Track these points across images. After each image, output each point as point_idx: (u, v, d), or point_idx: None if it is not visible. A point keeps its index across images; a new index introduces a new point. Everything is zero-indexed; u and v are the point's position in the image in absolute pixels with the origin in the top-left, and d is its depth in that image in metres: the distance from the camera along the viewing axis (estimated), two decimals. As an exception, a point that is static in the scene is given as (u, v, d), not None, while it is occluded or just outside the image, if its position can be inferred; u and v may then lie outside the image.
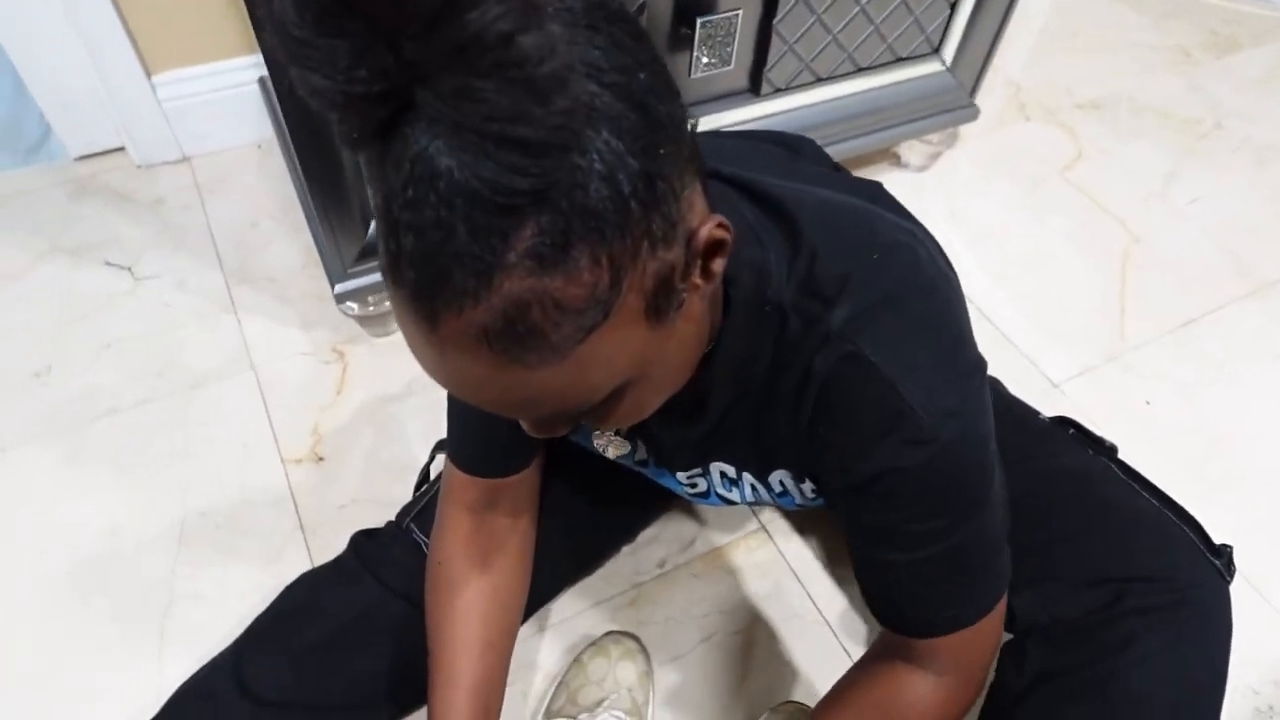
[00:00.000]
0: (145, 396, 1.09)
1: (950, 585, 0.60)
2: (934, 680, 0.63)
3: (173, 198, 1.33)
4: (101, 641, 0.90)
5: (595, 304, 0.39)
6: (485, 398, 0.43)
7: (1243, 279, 1.36)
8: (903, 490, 0.55)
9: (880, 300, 0.54)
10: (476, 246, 0.36)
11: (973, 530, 0.59)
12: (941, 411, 0.53)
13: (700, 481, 0.70)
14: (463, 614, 0.72)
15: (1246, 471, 1.12)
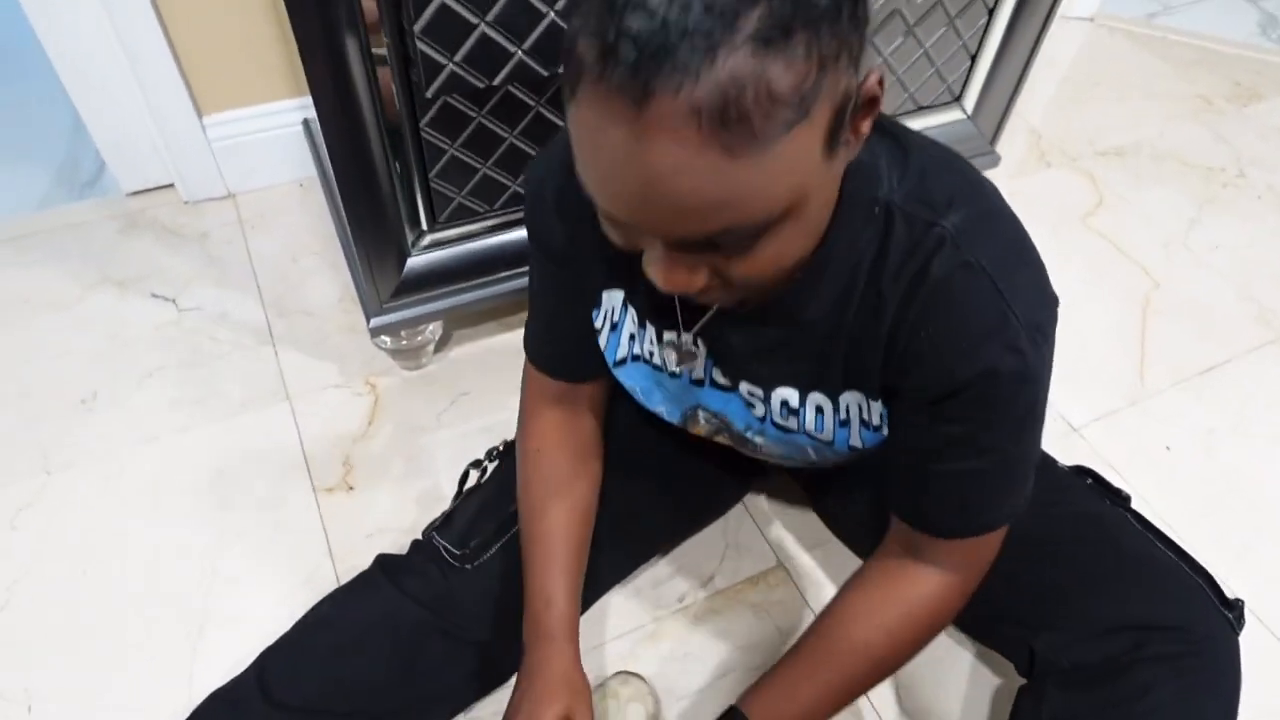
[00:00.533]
0: (185, 425, 1.13)
1: (991, 494, 0.65)
2: (942, 577, 0.69)
3: (217, 233, 1.38)
4: (135, 662, 0.93)
5: (800, 99, 0.42)
6: (675, 191, 0.43)
7: (1264, 327, 1.37)
8: (989, 396, 0.58)
9: (985, 216, 0.58)
10: (709, 22, 0.39)
11: (1026, 447, 0.64)
12: (1034, 325, 0.57)
13: (759, 405, 0.71)
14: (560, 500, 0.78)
15: (1266, 520, 1.12)
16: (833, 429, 0.70)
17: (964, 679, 0.95)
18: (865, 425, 0.68)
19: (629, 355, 0.75)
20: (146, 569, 1.00)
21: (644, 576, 1.02)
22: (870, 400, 0.66)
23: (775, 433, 0.73)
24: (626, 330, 0.74)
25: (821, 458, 0.75)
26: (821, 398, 0.68)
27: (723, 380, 0.72)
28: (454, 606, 0.81)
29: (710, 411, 0.76)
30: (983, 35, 1.23)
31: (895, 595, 0.70)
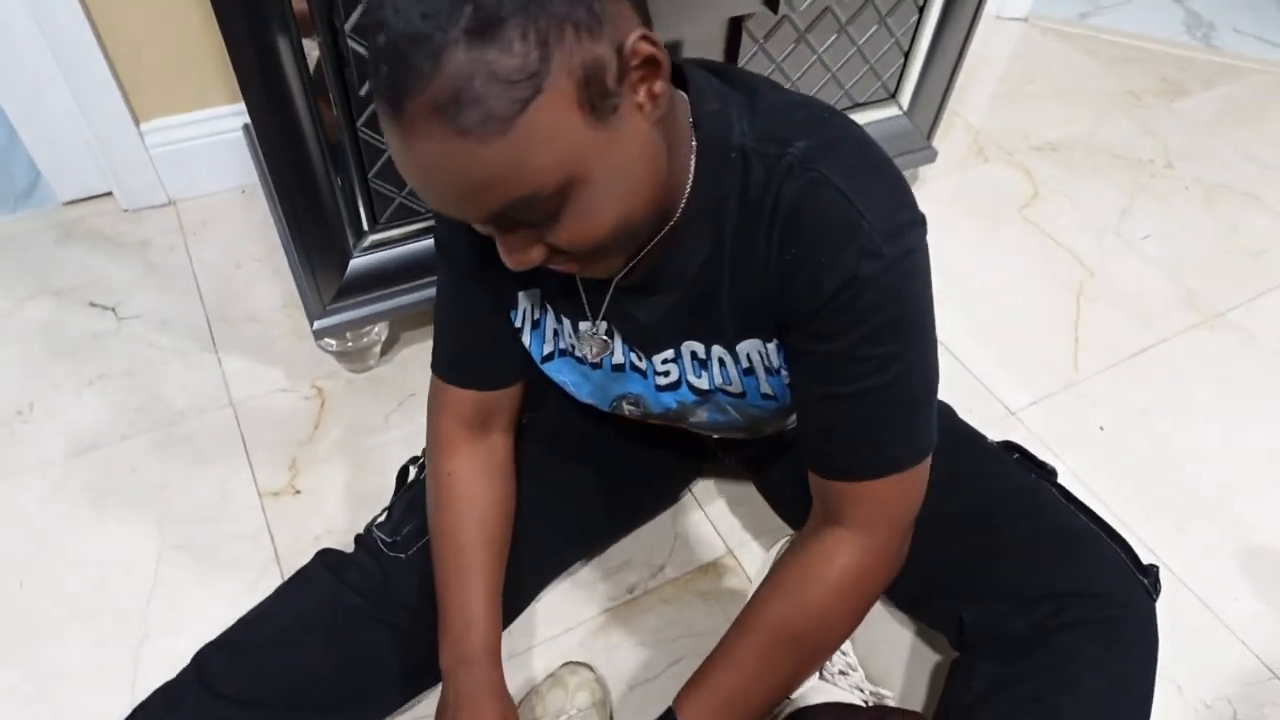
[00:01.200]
0: (125, 433, 1.12)
1: (891, 422, 0.65)
2: (857, 541, 0.68)
3: (158, 240, 1.37)
4: (77, 674, 0.91)
5: (527, 76, 0.46)
6: (445, 180, 0.49)
7: (1193, 311, 1.42)
8: (857, 304, 0.59)
9: (834, 138, 0.61)
10: (427, 26, 0.45)
11: (915, 364, 0.64)
12: (892, 229, 0.59)
13: (673, 369, 0.72)
14: (477, 521, 0.77)
15: (1197, 493, 1.16)
16: (739, 379, 0.72)
17: (904, 655, 0.97)
18: (770, 371, 0.70)
19: (555, 350, 0.77)
20: (88, 580, 0.98)
21: (594, 568, 1.02)
22: (765, 344, 0.68)
23: (693, 398, 0.75)
24: (549, 326, 0.75)
25: (747, 417, 0.77)
26: (721, 350, 0.70)
27: (639, 363, 0.74)
28: (391, 595, 0.81)
29: (632, 399, 0.77)
30: (914, 32, 1.27)
31: (810, 571, 0.69)
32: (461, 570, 0.75)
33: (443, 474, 0.79)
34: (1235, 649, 1.01)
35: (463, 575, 0.75)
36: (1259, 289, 1.47)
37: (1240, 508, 1.15)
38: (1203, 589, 1.06)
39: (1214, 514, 1.14)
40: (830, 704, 0.74)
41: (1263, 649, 1.01)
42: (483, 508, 0.79)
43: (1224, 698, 0.97)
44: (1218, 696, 0.97)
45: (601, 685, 0.85)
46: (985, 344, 1.33)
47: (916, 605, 0.91)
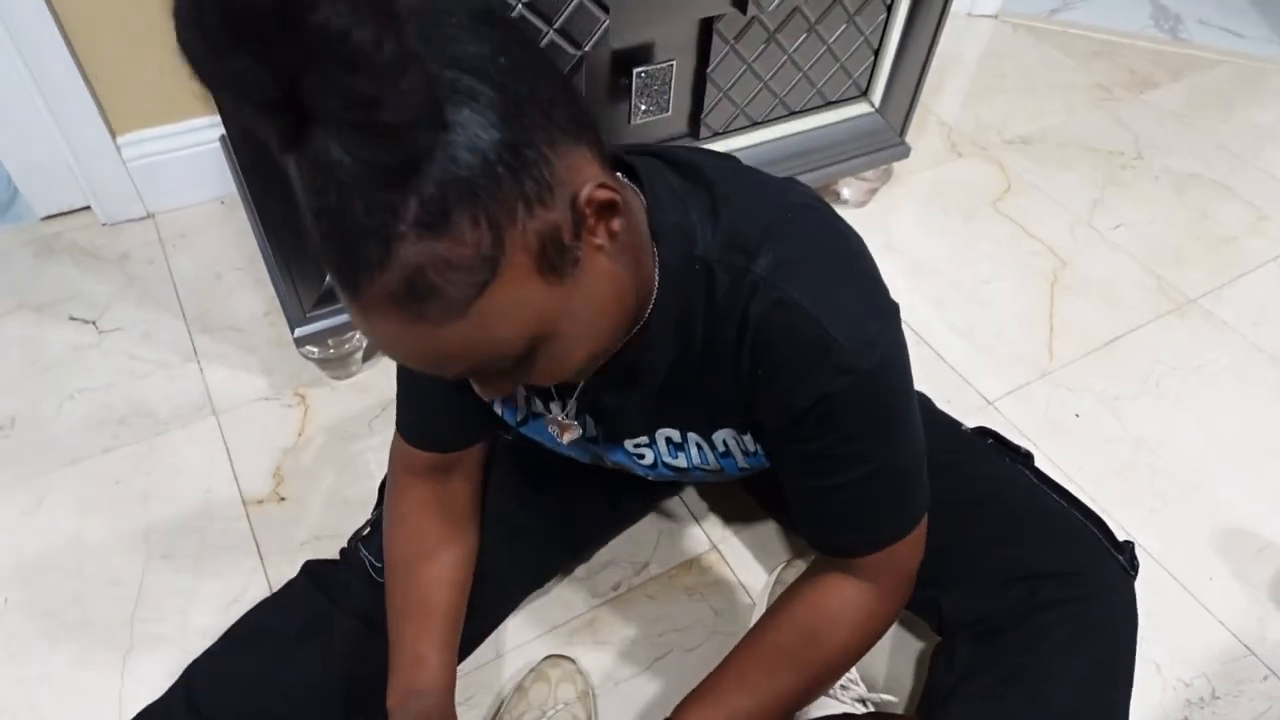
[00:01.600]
0: (108, 445, 1.12)
1: (878, 505, 0.67)
2: (864, 586, 0.69)
3: (138, 253, 1.37)
4: (62, 687, 0.91)
5: (482, 261, 0.44)
6: (407, 354, 0.49)
7: (1164, 298, 1.44)
8: (834, 415, 0.60)
9: (799, 249, 0.60)
10: (372, 221, 0.42)
11: (897, 453, 0.65)
12: (864, 342, 0.59)
13: (647, 452, 0.73)
14: (431, 562, 0.76)
15: (1172, 476, 1.18)
16: (716, 461, 0.73)
17: (888, 641, 0.98)
18: (746, 453, 0.71)
19: (528, 415, 0.76)
20: (73, 594, 0.98)
21: (579, 567, 1.03)
22: (740, 434, 0.69)
23: (670, 474, 0.76)
24: (520, 394, 0.75)
25: (726, 480, 0.78)
26: (697, 437, 0.71)
27: (609, 440, 0.74)
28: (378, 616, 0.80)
29: (613, 461, 0.78)
30: (883, 30, 1.28)
31: (820, 603, 0.71)
32: (412, 610, 0.74)
33: (397, 515, 0.79)
34: (1212, 627, 1.03)
35: (414, 614, 0.74)
36: (1229, 276, 1.49)
37: (1214, 490, 1.17)
38: (1179, 570, 1.08)
39: (1189, 497, 1.16)
40: (830, 716, 0.74)
41: (1239, 627, 1.03)
42: (434, 550, 0.77)
43: (1202, 675, 0.98)
44: (1196, 674, 0.98)
45: (584, 677, 0.86)
46: (961, 335, 1.35)
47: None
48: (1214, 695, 0.97)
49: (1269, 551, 1.10)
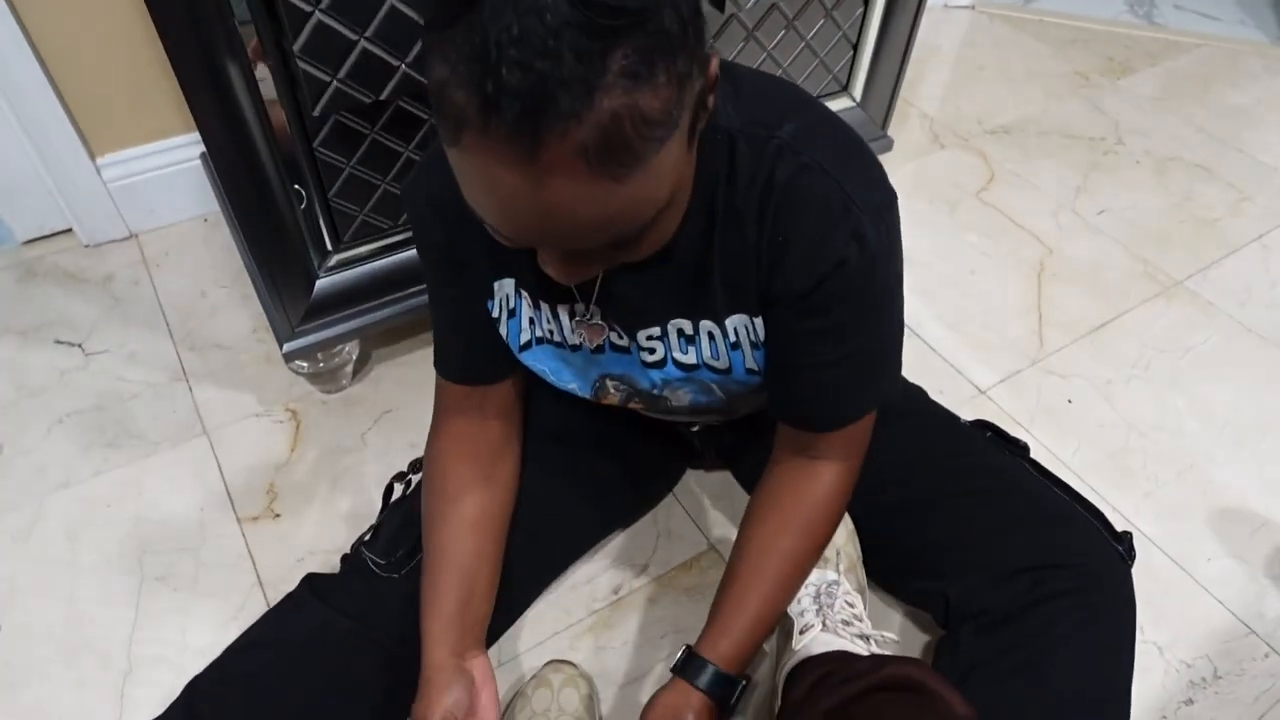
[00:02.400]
0: (98, 468, 1.11)
1: (864, 381, 0.71)
2: (833, 467, 0.74)
3: (121, 274, 1.36)
4: (60, 713, 0.90)
5: (669, 116, 0.47)
6: (576, 217, 0.48)
7: (1151, 281, 1.45)
8: (846, 285, 0.64)
9: (816, 122, 0.64)
10: (581, 69, 0.43)
11: (889, 327, 0.70)
12: (874, 209, 0.63)
13: (658, 346, 0.73)
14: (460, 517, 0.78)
15: (1166, 458, 1.18)
16: (726, 353, 0.73)
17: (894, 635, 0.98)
18: (754, 345, 0.72)
19: (532, 339, 0.77)
20: (68, 618, 0.97)
21: (578, 572, 1.03)
22: (753, 319, 0.70)
23: (679, 375, 0.76)
24: (525, 315, 0.76)
25: (729, 394, 0.78)
26: (710, 325, 0.72)
27: (620, 341, 0.75)
28: (383, 617, 0.80)
29: (616, 378, 0.78)
30: (861, 24, 1.29)
31: (800, 499, 0.75)
32: (441, 560, 0.77)
33: (430, 460, 0.82)
34: (1212, 608, 1.03)
35: (441, 565, 0.76)
36: (1213, 256, 1.50)
37: (1208, 471, 1.17)
38: (1176, 551, 1.08)
39: (1183, 478, 1.16)
40: (831, 653, 0.76)
41: (1239, 606, 1.03)
42: (465, 493, 0.80)
43: (1204, 655, 0.99)
44: (1198, 655, 0.99)
45: (587, 681, 0.85)
46: (951, 327, 1.36)
47: (900, 586, 0.93)
48: (1216, 675, 0.97)
49: (1265, 530, 1.11)
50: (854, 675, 0.72)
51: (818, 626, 0.81)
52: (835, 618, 0.82)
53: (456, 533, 0.78)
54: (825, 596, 0.84)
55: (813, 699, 0.72)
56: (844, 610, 0.84)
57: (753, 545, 0.76)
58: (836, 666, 0.74)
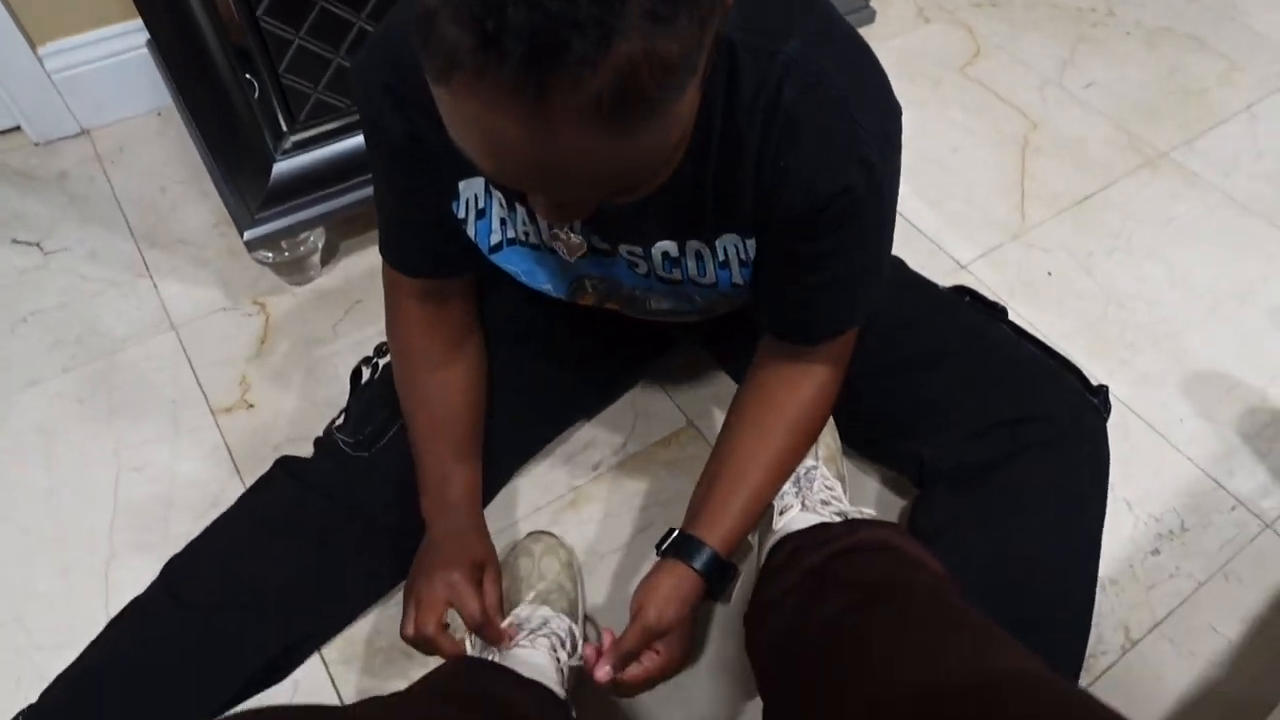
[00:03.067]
0: (66, 365, 1.09)
1: (856, 295, 0.70)
2: (820, 371, 0.73)
3: (76, 171, 1.31)
4: (47, 596, 0.91)
5: (689, 61, 0.42)
6: (581, 170, 0.43)
7: (1136, 153, 1.42)
8: (849, 211, 0.60)
9: (823, 37, 0.59)
10: (598, 9, 0.37)
11: (881, 248, 0.68)
12: (882, 135, 0.59)
13: (641, 263, 0.71)
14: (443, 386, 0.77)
15: (1143, 327, 1.18)
16: (714, 271, 0.70)
17: (870, 504, 0.99)
18: (743, 264, 0.69)
19: (503, 240, 0.73)
20: (48, 510, 0.97)
21: (557, 451, 1.03)
22: (745, 239, 0.67)
23: (662, 287, 0.73)
24: (495, 216, 0.72)
25: (709, 302, 0.75)
26: (699, 245, 0.68)
27: (603, 245, 0.71)
28: (356, 494, 0.81)
29: (595, 277, 0.75)
30: (838, -120, 1.22)
31: (790, 398, 0.74)
32: (431, 426, 0.76)
33: (399, 342, 0.79)
34: (1182, 465, 1.04)
35: (433, 431, 0.76)
36: (1200, 128, 1.47)
37: (1184, 338, 1.17)
38: (1150, 414, 1.09)
39: (1159, 345, 1.16)
40: (810, 527, 0.77)
41: (1208, 463, 1.05)
42: (441, 366, 0.78)
43: (1172, 509, 1.01)
44: (1166, 509, 1.01)
45: (567, 549, 0.86)
46: (933, 203, 1.33)
47: (878, 449, 0.93)
48: (1183, 528, 0.99)
49: (1238, 391, 1.12)
50: (831, 538, 0.73)
51: (797, 506, 0.82)
52: (814, 498, 0.83)
53: (450, 403, 0.77)
54: (805, 480, 0.84)
55: (792, 562, 0.73)
56: (823, 491, 0.85)
57: (743, 442, 0.75)
58: (813, 535, 0.75)
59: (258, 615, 0.77)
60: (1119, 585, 0.94)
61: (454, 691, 0.67)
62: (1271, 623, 0.92)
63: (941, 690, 0.43)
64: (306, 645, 0.84)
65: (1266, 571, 0.96)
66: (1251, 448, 1.06)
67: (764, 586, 0.74)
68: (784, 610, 0.69)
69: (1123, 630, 0.91)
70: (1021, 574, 0.75)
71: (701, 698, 0.86)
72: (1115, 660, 0.89)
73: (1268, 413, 1.10)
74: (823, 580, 0.68)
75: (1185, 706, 0.87)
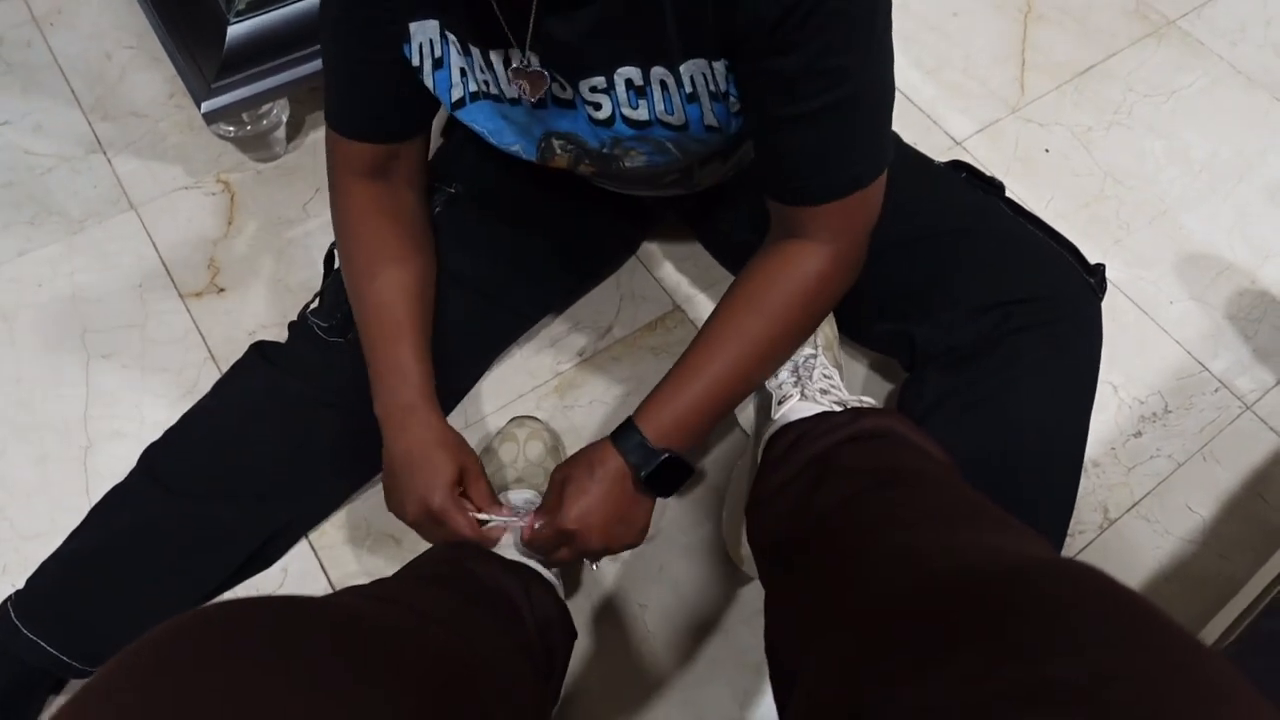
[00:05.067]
0: (22, 248, 1.04)
1: (854, 138, 0.63)
2: (818, 249, 0.67)
3: (10, 35, 1.21)
4: (26, 486, 0.90)
5: None
6: None
7: (1142, 21, 1.35)
8: (821, 10, 0.55)
9: None
10: None
11: (876, 73, 0.61)
12: None
13: (604, 101, 0.66)
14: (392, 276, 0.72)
15: (1139, 206, 1.16)
16: (682, 107, 0.66)
17: (858, 389, 0.99)
18: (714, 97, 0.64)
19: (465, 94, 0.69)
20: (19, 399, 0.94)
21: (541, 335, 1.01)
22: (713, 63, 0.62)
23: (630, 133, 0.68)
24: (455, 65, 0.67)
25: (686, 156, 0.71)
26: (663, 71, 0.63)
27: (563, 94, 0.66)
28: (332, 378, 0.79)
29: (562, 136, 0.71)
30: None
31: (775, 279, 0.67)
32: (383, 319, 0.72)
33: (347, 224, 0.74)
34: (1169, 348, 1.05)
35: (385, 324, 0.72)
36: (1211, -7, 1.40)
37: (1179, 216, 1.15)
38: (1140, 296, 1.08)
39: (1153, 224, 1.14)
40: (810, 416, 0.75)
41: (1195, 346, 1.05)
42: (393, 251, 0.73)
43: (1156, 392, 1.01)
44: (1150, 392, 1.01)
45: (551, 433, 0.85)
46: (929, 73, 1.27)
47: (869, 331, 0.91)
48: (1166, 410, 1.00)
49: (1229, 273, 1.11)
50: (833, 428, 0.71)
51: (796, 396, 0.80)
52: (813, 387, 0.81)
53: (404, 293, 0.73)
54: (803, 370, 0.82)
55: (794, 451, 0.72)
56: (821, 380, 0.84)
57: (715, 324, 0.69)
58: (815, 424, 0.73)
59: (241, 502, 0.76)
60: (1100, 467, 0.96)
61: (439, 574, 0.67)
62: (1244, 502, 0.95)
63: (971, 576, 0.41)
64: (290, 531, 0.84)
65: (1244, 453, 0.97)
66: (1238, 329, 1.06)
67: (765, 476, 0.73)
68: (786, 500, 0.68)
69: (1101, 510, 0.93)
70: (1010, 452, 0.75)
71: (701, 591, 0.88)
72: (1092, 539, 0.92)
73: (1256, 294, 1.09)
74: (827, 468, 0.67)
75: (1157, 581, 0.90)
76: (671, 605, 0.86)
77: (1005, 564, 0.42)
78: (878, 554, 0.51)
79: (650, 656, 0.84)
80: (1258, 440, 0.99)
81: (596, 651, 0.84)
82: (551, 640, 0.69)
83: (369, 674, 0.36)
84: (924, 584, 0.43)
